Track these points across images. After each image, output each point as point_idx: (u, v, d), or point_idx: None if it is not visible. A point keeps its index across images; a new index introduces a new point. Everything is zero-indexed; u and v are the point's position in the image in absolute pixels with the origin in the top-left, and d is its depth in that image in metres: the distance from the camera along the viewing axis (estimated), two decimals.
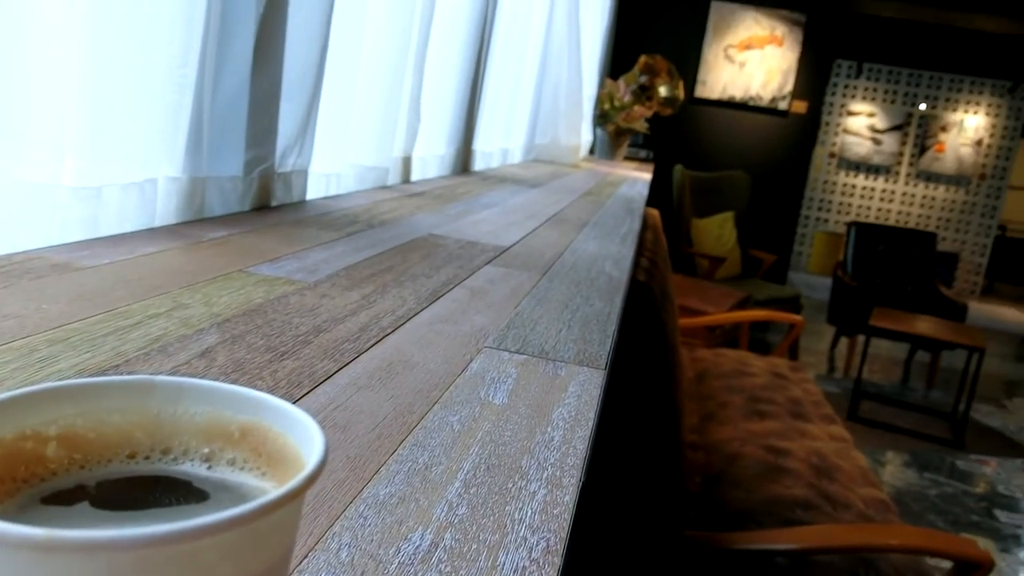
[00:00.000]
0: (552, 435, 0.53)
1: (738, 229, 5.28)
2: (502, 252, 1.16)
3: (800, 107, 5.93)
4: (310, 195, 1.37)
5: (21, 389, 0.27)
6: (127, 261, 0.81)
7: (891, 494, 3.10)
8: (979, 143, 7.19)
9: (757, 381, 2.32)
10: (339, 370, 0.60)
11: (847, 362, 4.81)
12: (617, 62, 5.35)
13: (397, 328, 0.72)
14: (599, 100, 3.98)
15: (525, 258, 1.14)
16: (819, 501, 1.58)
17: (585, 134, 3.90)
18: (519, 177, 2.48)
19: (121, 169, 0.91)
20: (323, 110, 1.32)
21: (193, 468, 0.28)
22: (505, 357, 0.68)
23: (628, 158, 4.46)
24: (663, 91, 4.02)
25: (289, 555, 0.26)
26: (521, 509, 0.43)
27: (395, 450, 0.48)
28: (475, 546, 0.39)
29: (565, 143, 3.43)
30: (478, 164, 2.53)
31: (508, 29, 2.67)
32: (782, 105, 5.92)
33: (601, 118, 4.00)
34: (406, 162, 1.85)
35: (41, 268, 0.74)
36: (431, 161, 2.10)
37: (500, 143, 2.91)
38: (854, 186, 7.46)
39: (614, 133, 4.04)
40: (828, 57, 6.00)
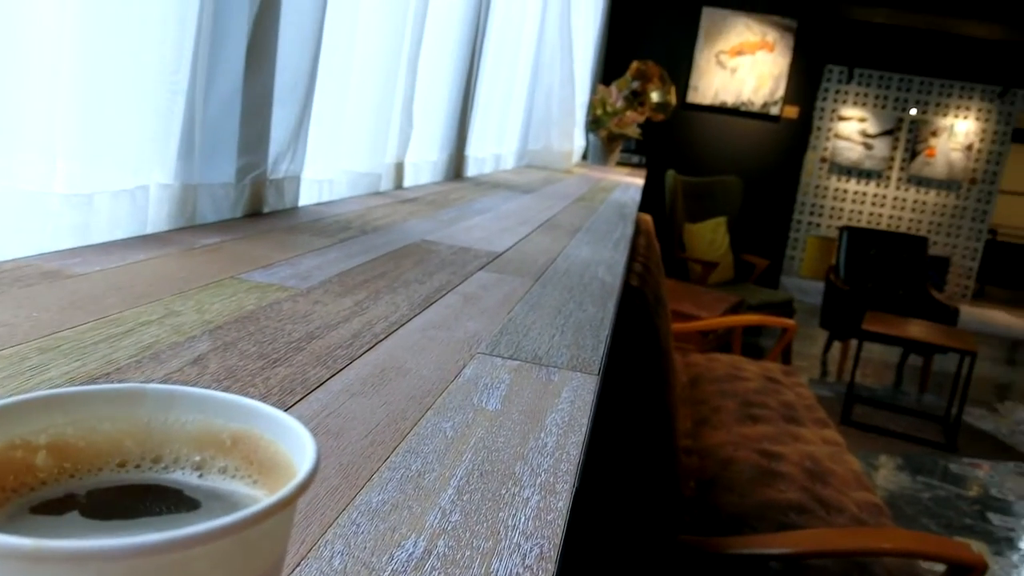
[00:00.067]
0: (545, 441, 0.53)
1: (730, 234, 5.30)
2: (495, 258, 1.16)
3: (791, 112, 5.96)
4: (303, 201, 1.37)
5: (11, 398, 0.27)
6: (119, 268, 0.80)
7: (884, 498, 3.11)
8: (969, 148, 7.23)
9: (750, 385, 2.32)
10: (332, 377, 0.60)
11: (840, 366, 4.82)
12: (609, 68, 5.37)
13: (390, 334, 0.72)
14: (591, 106, 3.99)
15: (518, 264, 1.14)
16: (812, 505, 1.58)
17: (578, 140, 3.91)
18: (512, 183, 2.48)
19: (112, 176, 0.91)
20: (316, 116, 1.32)
21: (184, 476, 0.28)
22: (498, 363, 0.68)
23: (621, 163, 4.47)
24: (655, 97, 4.03)
25: (281, 563, 0.26)
26: (515, 515, 0.43)
27: (388, 457, 0.48)
28: (468, 553, 0.39)
29: (558, 149, 3.44)
30: (471, 170, 2.53)
31: (500, 35, 2.68)
32: (774, 110, 5.94)
33: (593, 124, 4.00)
34: (399, 168, 1.85)
35: (32, 276, 0.74)
36: (424, 167, 2.10)
37: (493, 149, 2.91)
38: (846, 191, 7.50)
39: (606, 139, 4.04)
40: (819, 62, 6.03)
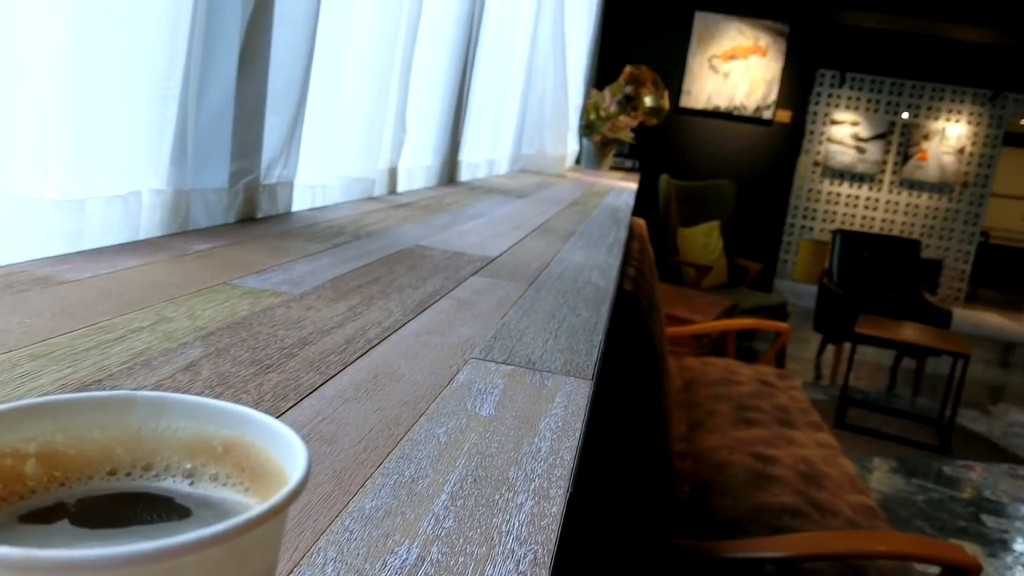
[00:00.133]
0: (539, 446, 0.53)
1: (724, 238, 5.31)
2: (489, 263, 1.16)
3: (784, 116, 5.98)
4: (296, 207, 1.36)
5: (0, 406, 0.27)
6: (110, 274, 0.80)
7: (879, 500, 3.11)
8: (961, 151, 7.26)
9: (744, 389, 2.32)
10: (325, 382, 0.60)
11: (833, 369, 4.83)
12: (602, 72, 5.38)
13: (383, 340, 0.72)
14: (585, 110, 3.99)
15: (512, 268, 1.14)
16: (807, 508, 1.58)
17: (571, 144, 3.91)
18: (505, 187, 2.48)
19: (105, 182, 0.90)
20: (309, 121, 1.32)
21: (175, 484, 0.28)
22: (492, 368, 0.68)
23: (614, 168, 4.48)
24: (648, 101, 4.04)
25: (273, 571, 0.26)
26: (508, 521, 0.43)
27: (381, 463, 0.48)
28: (462, 559, 0.39)
29: (551, 153, 3.44)
30: (464, 175, 2.54)
31: (494, 40, 2.68)
32: (766, 114, 5.96)
33: (587, 128, 4.01)
34: (392, 173, 1.85)
35: (23, 282, 0.73)
36: (417, 172, 2.10)
37: (486, 154, 2.92)
38: (839, 194, 7.52)
39: (600, 143, 4.05)
40: (811, 67, 6.06)
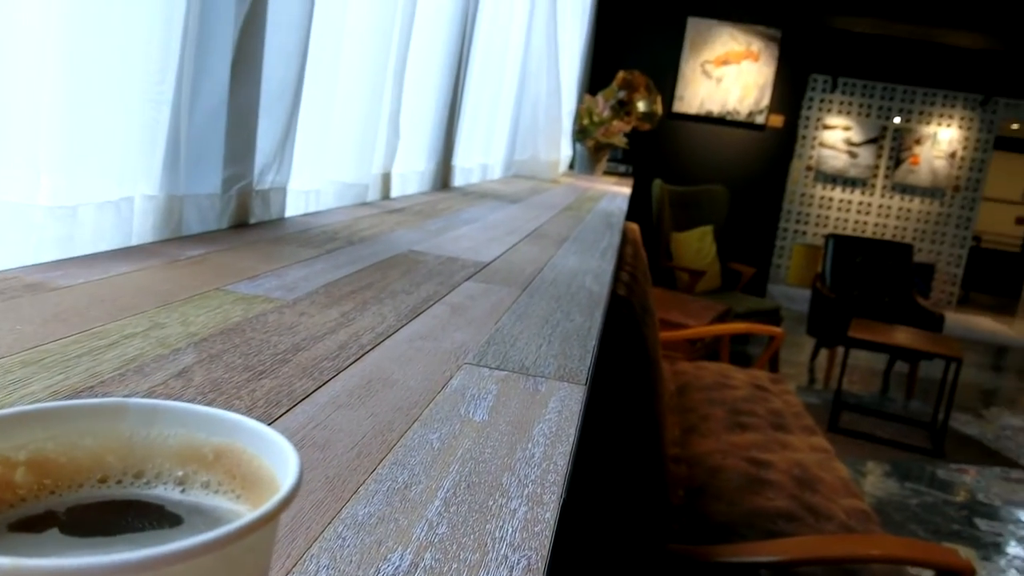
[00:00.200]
0: (533, 451, 0.53)
1: (717, 242, 5.32)
2: (482, 268, 1.16)
3: (777, 121, 6.00)
4: (289, 212, 1.36)
5: None
6: (103, 280, 0.80)
7: (872, 504, 3.12)
8: (952, 155, 7.30)
9: (738, 393, 2.33)
10: (318, 388, 0.60)
11: (827, 373, 4.84)
12: (595, 77, 5.39)
13: (377, 345, 0.72)
14: (578, 115, 4.00)
15: (505, 274, 1.14)
16: (801, 512, 1.59)
17: (564, 149, 3.92)
18: (499, 193, 2.48)
19: (97, 187, 0.90)
20: (302, 127, 1.32)
21: (166, 492, 0.28)
22: (485, 373, 0.68)
23: (607, 173, 4.49)
24: (641, 106, 4.05)
25: None
26: (502, 527, 0.43)
27: (374, 469, 0.48)
28: (455, 566, 0.38)
29: (545, 158, 3.45)
30: (458, 180, 2.54)
31: (487, 45, 2.69)
32: (759, 119, 5.98)
33: (580, 133, 4.02)
34: (386, 178, 1.85)
35: (15, 288, 0.73)
36: (411, 177, 2.10)
37: (480, 159, 2.92)
38: (831, 199, 7.55)
39: (593, 148, 4.06)
40: (804, 72, 6.08)
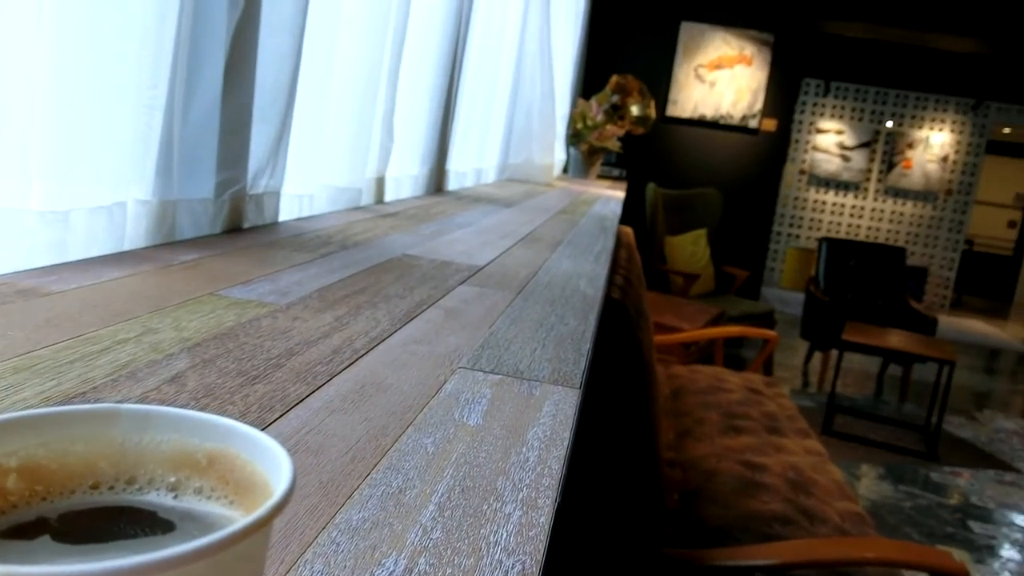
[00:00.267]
0: (527, 455, 0.53)
1: (711, 246, 5.33)
2: (476, 272, 1.16)
3: (770, 125, 6.02)
4: (282, 217, 1.36)
5: None
6: (95, 286, 0.79)
7: (867, 507, 3.13)
8: (945, 159, 7.33)
9: (733, 397, 2.33)
10: (312, 393, 0.59)
11: (821, 376, 4.85)
12: (589, 82, 5.40)
13: (370, 350, 0.72)
14: (572, 119, 4.01)
15: (499, 277, 1.14)
16: (796, 516, 1.59)
17: (558, 153, 3.92)
18: (493, 196, 2.48)
19: (89, 192, 0.90)
20: (295, 131, 1.32)
21: (159, 498, 0.28)
22: (479, 377, 0.68)
23: (601, 177, 4.49)
24: (635, 110, 4.06)
25: None
26: (496, 532, 0.43)
27: (368, 474, 0.48)
28: (450, 571, 0.38)
29: (539, 162, 3.45)
30: (452, 184, 2.54)
31: (481, 49, 2.69)
32: (752, 123, 5.99)
33: (574, 137, 4.02)
34: (379, 183, 1.85)
35: (7, 294, 0.73)
36: (405, 181, 2.10)
37: (474, 163, 2.92)
38: (824, 202, 7.57)
39: (587, 152, 4.06)
40: (796, 76, 6.10)
